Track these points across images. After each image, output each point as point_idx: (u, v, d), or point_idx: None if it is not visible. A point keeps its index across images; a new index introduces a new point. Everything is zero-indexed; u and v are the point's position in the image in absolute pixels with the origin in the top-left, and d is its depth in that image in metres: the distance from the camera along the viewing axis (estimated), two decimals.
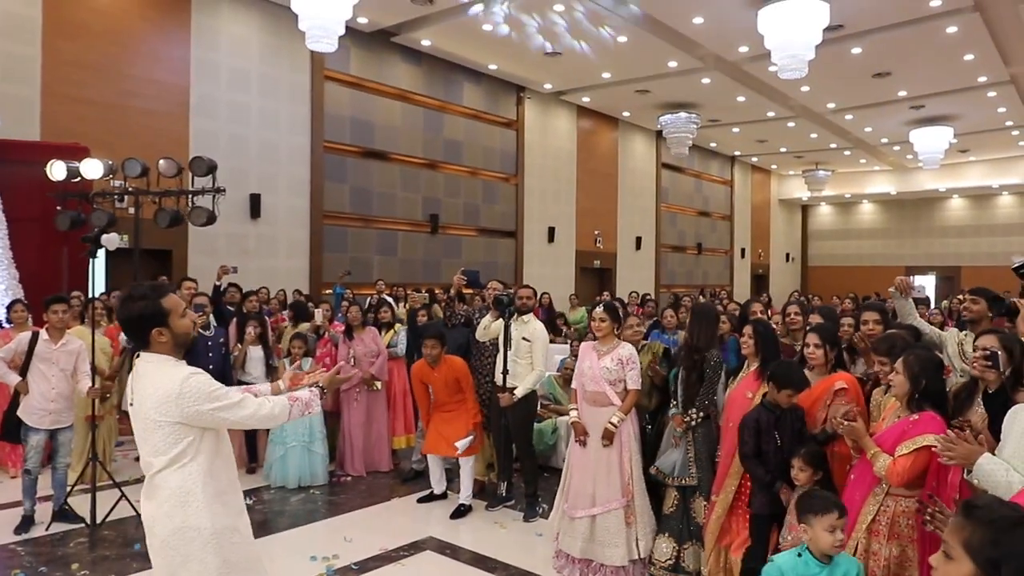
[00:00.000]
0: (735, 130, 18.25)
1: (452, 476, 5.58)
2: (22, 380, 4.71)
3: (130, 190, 6.49)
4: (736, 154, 22.02)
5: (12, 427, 4.81)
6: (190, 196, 6.61)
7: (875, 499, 2.78)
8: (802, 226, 27.08)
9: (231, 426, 2.41)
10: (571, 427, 4.30)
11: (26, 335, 4.85)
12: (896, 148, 19.67)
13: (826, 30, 9.45)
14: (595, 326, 4.22)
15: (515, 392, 4.98)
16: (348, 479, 6.10)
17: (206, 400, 2.26)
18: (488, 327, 5.17)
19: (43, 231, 6.95)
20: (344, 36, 8.60)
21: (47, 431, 4.77)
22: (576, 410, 4.27)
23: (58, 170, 6.37)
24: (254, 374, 5.94)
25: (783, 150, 20.89)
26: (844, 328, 4.23)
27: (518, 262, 14.78)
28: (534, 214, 15.20)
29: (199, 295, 6.14)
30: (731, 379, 3.92)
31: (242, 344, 6.10)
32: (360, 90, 11.88)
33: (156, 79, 9.45)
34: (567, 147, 16.10)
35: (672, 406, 4.13)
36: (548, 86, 14.76)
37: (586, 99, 15.74)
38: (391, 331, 6.47)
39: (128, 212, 7.95)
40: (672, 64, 12.90)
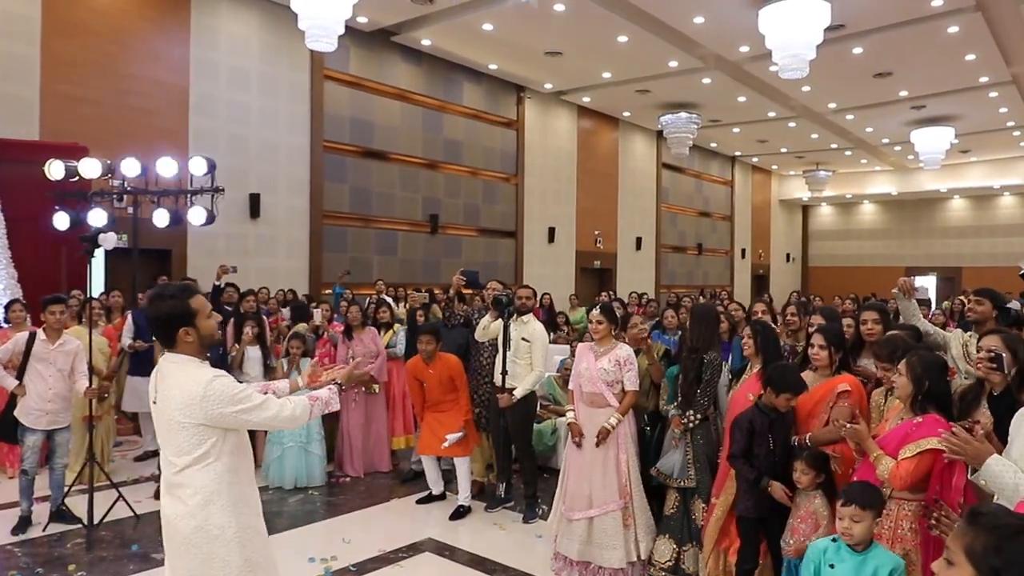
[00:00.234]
0: (736, 130, 18.23)
1: (451, 477, 5.55)
2: (19, 384, 4.69)
3: (128, 189, 6.46)
4: (737, 154, 21.99)
5: (9, 427, 4.79)
6: (189, 195, 6.57)
7: None
8: (803, 226, 27.04)
9: (254, 427, 2.45)
10: (567, 428, 4.28)
11: (23, 335, 4.83)
12: (897, 148, 19.63)
13: (827, 30, 9.42)
14: (592, 328, 4.20)
15: (514, 393, 4.96)
16: (347, 480, 6.08)
17: (230, 403, 2.29)
18: (487, 327, 5.14)
19: (42, 231, 6.90)
20: (344, 35, 8.58)
21: (44, 431, 4.75)
22: (573, 411, 4.25)
23: (56, 169, 6.33)
24: (252, 374, 5.91)
25: (784, 150, 20.86)
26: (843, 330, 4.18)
27: (518, 262, 14.75)
28: (534, 214, 15.17)
29: None
30: (734, 381, 3.90)
31: (240, 344, 6.07)
32: (360, 90, 11.85)
33: (155, 78, 9.42)
34: (567, 147, 16.07)
35: (674, 405, 4.09)
36: (548, 86, 14.73)
37: (586, 99, 15.71)
38: (390, 331, 6.45)
39: (127, 212, 7.93)
40: (673, 64, 12.87)
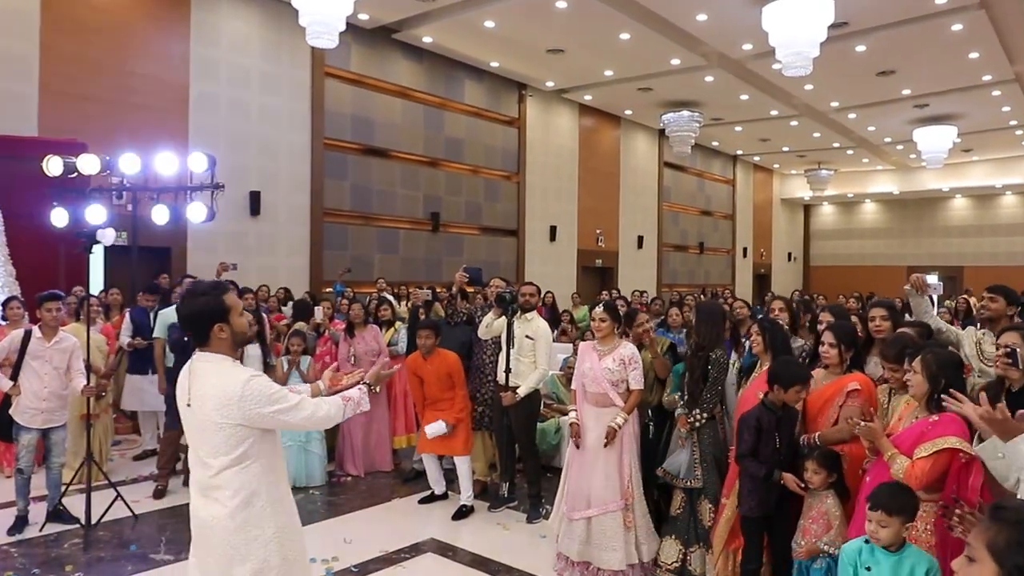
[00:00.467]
0: (738, 129, 18.16)
1: (453, 476, 5.47)
2: (14, 384, 4.62)
3: (128, 186, 6.40)
4: (738, 153, 21.93)
5: (5, 426, 4.73)
6: (189, 192, 6.52)
7: None
8: (804, 226, 26.97)
9: (290, 428, 2.44)
10: (570, 428, 4.20)
11: (19, 332, 4.76)
12: (899, 147, 19.57)
13: (830, 27, 9.36)
14: (595, 326, 4.13)
15: (518, 391, 4.90)
16: (348, 479, 6.02)
17: (267, 402, 2.28)
18: (491, 325, 5.07)
19: (40, 228, 6.86)
20: (345, 33, 8.52)
21: (39, 430, 4.69)
22: (575, 411, 4.18)
23: (55, 165, 6.29)
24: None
25: (785, 149, 20.80)
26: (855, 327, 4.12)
27: (520, 261, 14.69)
28: (536, 212, 15.10)
29: None
30: (744, 379, 3.83)
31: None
32: (361, 87, 11.78)
33: (155, 75, 9.36)
34: (569, 145, 16.00)
35: (680, 404, 4.03)
36: (550, 84, 14.67)
37: (588, 97, 15.65)
38: (391, 329, 6.39)
39: (126, 209, 7.88)
40: (675, 62, 12.81)
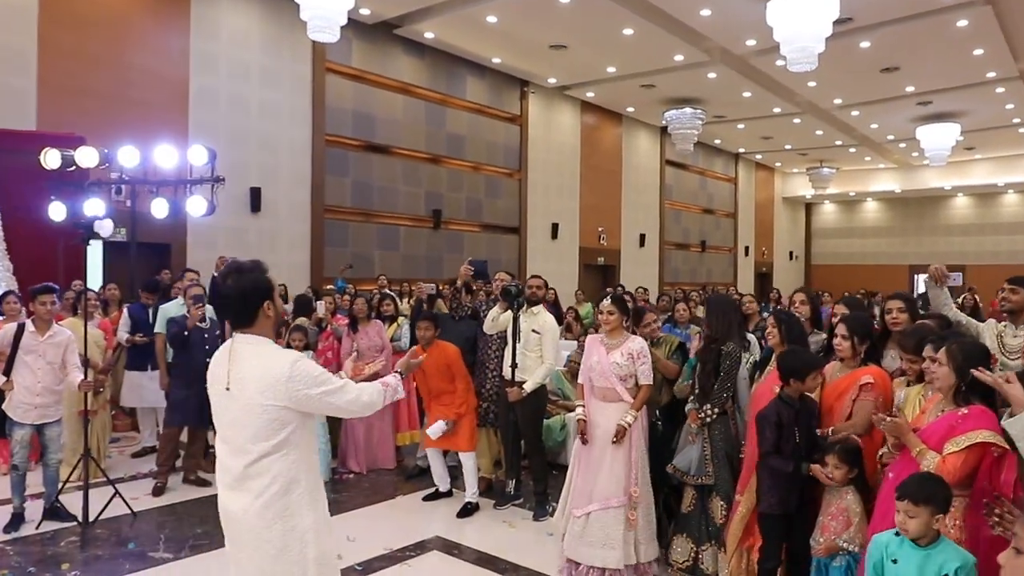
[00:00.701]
0: (740, 126, 18.09)
1: (458, 473, 5.37)
2: (7, 380, 4.52)
3: (127, 179, 6.32)
4: (740, 151, 21.86)
5: None
6: (188, 185, 6.43)
7: None
8: (806, 224, 26.90)
9: (335, 412, 2.37)
10: (576, 424, 4.10)
11: (11, 327, 4.65)
12: (902, 145, 19.51)
13: (835, 23, 9.27)
14: (603, 319, 4.02)
15: (524, 386, 4.81)
16: (350, 476, 5.93)
17: (314, 384, 2.22)
18: (496, 319, 4.98)
19: (38, 222, 6.77)
20: (346, 28, 8.45)
21: (32, 426, 4.60)
22: (583, 407, 4.07)
23: (52, 158, 6.20)
24: None
25: (788, 147, 20.72)
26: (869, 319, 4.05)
27: (521, 258, 14.61)
28: (538, 210, 15.02)
29: (194, 286, 5.90)
30: (758, 373, 3.74)
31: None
32: (362, 83, 11.70)
33: (155, 70, 9.27)
34: (571, 142, 15.92)
35: (691, 399, 3.95)
36: (552, 80, 14.59)
37: (590, 94, 15.57)
38: (394, 324, 6.31)
39: (125, 205, 7.79)
40: (678, 58, 12.74)
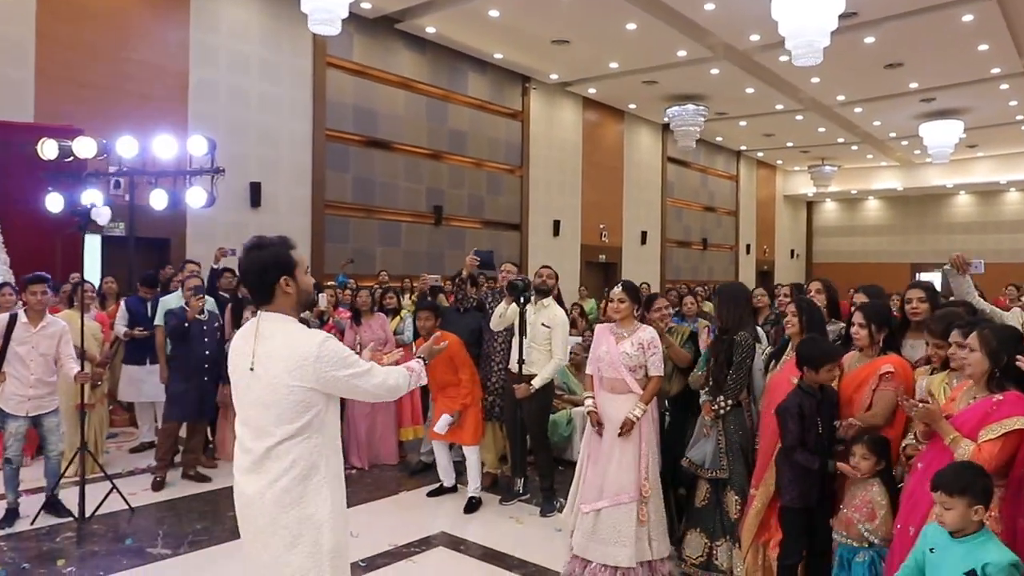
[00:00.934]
0: (742, 124, 18.00)
1: (463, 468, 5.27)
2: (0, 372, 4.42)
3: (125, 170, 6.21)
4: (742, 149, 21.77)
5: None
6: (188, 176, 6.32)
7: None
8: (807, 223, 26.83)
9: (361, 395, 2.30)
10: (587, 417, 3.97)
11: (3, 317, 4.53)
12: (904, 143, 19.42)
13: (840, 18, 9.19)
14: (613, 307, 3.90)
15: (532, 382, 4.70)
16: (352, 472, 5.81)
17: (343, 365, 2.16)
18: (504, 314, 4.85)
19: (36, 214, 6.66)
20: (347, 22, 8.35)
21: (27, 418, 4.49)
22: (592, 398, 3.96)
23: (49, 149, 6.08)
24: None
25: (790, 144, 20.64)
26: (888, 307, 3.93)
27: (523, 255, 14.49)
28: (539, 206, 14.92)
29: (192, 278, 5.78)
30: (773, 362, 3.64)
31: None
32: (363, 77, 11.59)
33: (153, 62, 9.16)
34: (572, 139, 15.82)
35: (704, 391, 3.85)
36: (554, 76, 14.49)
37: (592, 90, 15.46)
38: (397, 317, 6.21)
39: (124, 199, 7.68)
40: (681, 53, 12.64)
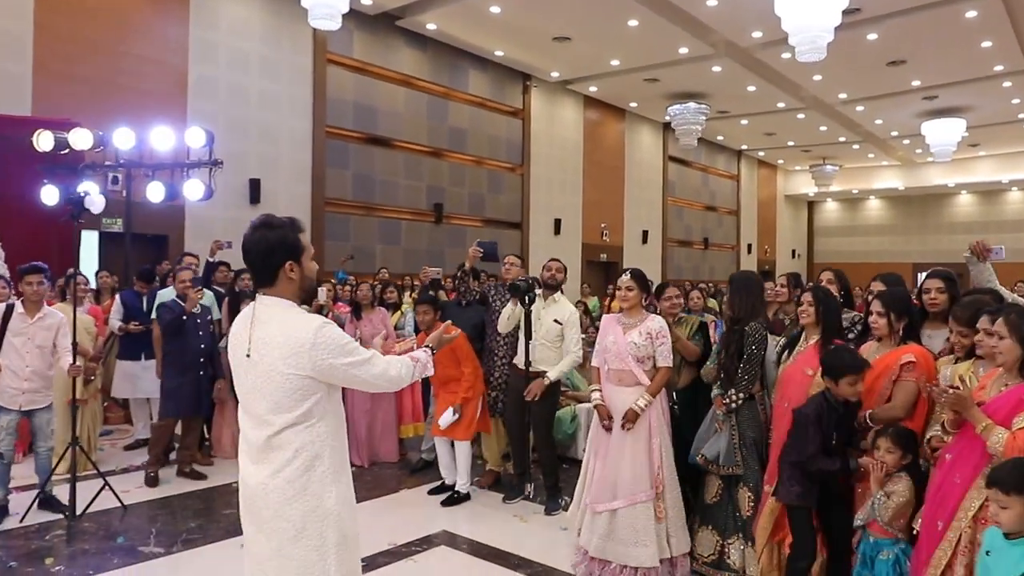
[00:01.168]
0: (743, 122, 17.93)
1: None
2: None
3: (122, 162, 6.11)
4: (743, 148, 21.70)
5: None
6: (186, 169, 6.22)
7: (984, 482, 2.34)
8: (808, 222, 26.76)
9: (360, 385, 2.19)
10: (594, 411, 3.84)
11: None
12: (906, 142, 19.35)
13: (843, 14, 9.11)
14: (621, 296, 3.79)
15: (548, 374, 4.59)
16: (352, 470, 5.70)
17: (341, 353, 2.05)
18: (511, 316, 4.74)
19: (31, 208, 6.56)
20: (347, 19, 8.29)
21: (19, 412, 4.38)
22: (599, 391, 3.83)
23: (45, 140, 5.98)
24: None
25: (791, 144, 20.57)
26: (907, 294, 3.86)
27: (523, 254, 14.37)
28: (540, 205, 14.83)
29: (183, 269, 5.63)
30: (786, 353, 3.53)
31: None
32: (363, 75, 11.50)
33: (152, 57, 9.07)
34: (573, 137, 15.73)
35: (716, 385, 3.75)
36: (555, 74, 14.40)
37: (593, 88, 15.38)
38: (398, 312, 6.11)
39: (121, 195, 7.58)
40: (683, 51, 12.55)
